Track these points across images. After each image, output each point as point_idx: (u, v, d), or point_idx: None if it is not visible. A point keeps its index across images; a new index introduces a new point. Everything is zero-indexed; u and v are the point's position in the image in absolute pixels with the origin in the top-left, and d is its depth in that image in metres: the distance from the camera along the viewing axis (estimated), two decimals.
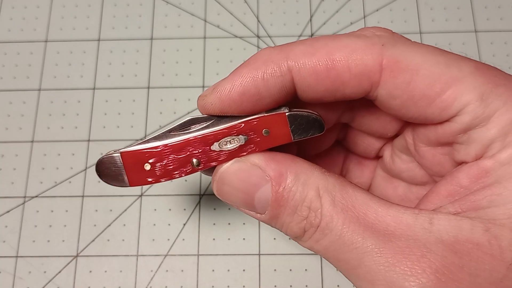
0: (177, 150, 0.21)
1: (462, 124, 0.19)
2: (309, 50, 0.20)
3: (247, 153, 0.21)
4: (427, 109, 0.20)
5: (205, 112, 0.22)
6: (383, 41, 0.20)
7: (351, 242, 0.18)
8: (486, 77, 0.19)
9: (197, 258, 0.34)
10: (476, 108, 0.19)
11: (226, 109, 0.21)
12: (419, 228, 0.18)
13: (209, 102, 0.21)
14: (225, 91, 0.20)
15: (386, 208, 0.19)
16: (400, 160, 0.25)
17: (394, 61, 0.19)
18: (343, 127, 0.26)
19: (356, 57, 0.20)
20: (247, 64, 0.21)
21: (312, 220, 0.19)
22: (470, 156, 0.20)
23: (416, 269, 0.17)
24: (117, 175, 0.21)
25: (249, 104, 0.21)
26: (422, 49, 0.20)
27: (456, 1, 0.40)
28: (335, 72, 0.20)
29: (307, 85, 0.20)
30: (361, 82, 0.20)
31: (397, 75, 0.19)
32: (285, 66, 0.20)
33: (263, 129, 0.21)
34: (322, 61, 0.20)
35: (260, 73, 0.20)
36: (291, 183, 0.20)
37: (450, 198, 0.20)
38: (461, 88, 0.19)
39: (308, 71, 0.20)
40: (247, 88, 0.20)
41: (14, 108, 0.38)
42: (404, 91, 0.20)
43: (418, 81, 0.19)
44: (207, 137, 0.21)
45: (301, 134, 0.21)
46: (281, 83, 0.20)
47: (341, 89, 0.20)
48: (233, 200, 0.21)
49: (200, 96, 0.22)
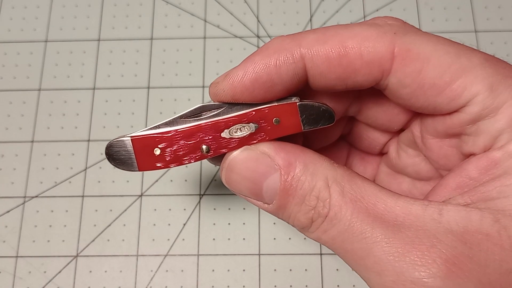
0: (188, 136, 0.21)
1: (471, 114, 0.19)
2: (322, 38, 0.20)
3: (257, 141, 0.21)
4: (437, 99, 0.20)
5: (217, 99, 0.22)
6: (394, 29, 0.20)
7: (360, 232, 0.18)
8: (495, 68, 0.19)
9: (197, 258, 0.34)
10: (485, 98, 0.19)
11: (238, 96, 0.21)
12: (428, 219, 0.18)
13: (221, 88, 0.21)
14: (238, 77, 0.21)
15: (395, 199, 0.19)
16: (406, 154, 0.25)
17: (405, 49, 0.20)
18: (349, 121, 0.26)
19: (368, 44, 0.20)
20: (259, 52, 0.21)
21: (320, 210, 0.19)
22: (478, 148, 0.20)
23: (426, 259, 0.17)
24: (126, 159, 0.22)
25: (261, 91, 0.21)
26: (433, 39, 0.20)
27: (456, 1, 0.40)
28: (347, 59, 0.20)
29: (319, 73, 0.21)
30: (372, 70, 0.20)
31: (408, 63, 0.20)
32: (298, 53, 0.20)
33: (274, 118, 0.21)
34: (334, 48, 0.20)
35: (273, 60, 0.20)
36: (300, 173, 0.20)
37: (459, 190, 0.20)
38: (470, 78, 0.19)
39: (321, 58, 0.20)
40: (260, 75, 0.20)
41: (14, 108, 0.38)
42: (415, 79, 0.20)
43: (428, 70, 0.19)
44: (218, 124, 0.21)
45: (311, 124, 0.21)
46: (293, 70, 0.21)
47: (352, 77, 0.20)
48: (241, 189, 0.21)
49: (212, 83, 0.22)
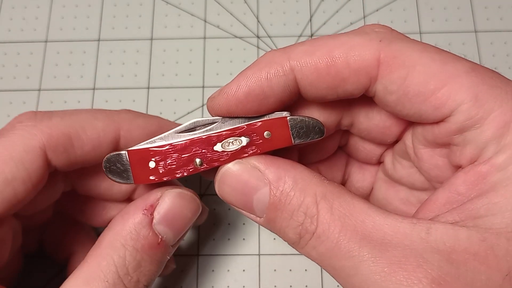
0: (181, 150, 0.22)
1: (457, 124, 0.19)
2: (310, 49, 0.21)
3: (248, 154, 0.21)
4: (422, 106, 0.20)
5: (214, 113, 0.22)
6: (380, 37, 0.20)
7: (347, 250, 0.18)
8: (481, 78, 0.19)
9: (197, 258, 0.34)
10: (470, 108, 0.19)
11: (233, 109, 0.22)
12: (416, 238, 0.18)
13: (217, 103, 0.22)
14: (232, 91, 0.21)
15: (384, 217, 0.19)
16: (400, 165, 0.25)
17: (391, 56, 0.20)
18: (345, 133, 0.26)
19: (355, 53, 0.20)
20: (251, 67, 0.21)
21: (308, 226, 0.19)
22: (465, 158, 0.20)
23: (412, 279, 0.17)
24: (122, 172, 0.22)
25: (254, 104, 0.21)
26: (419, 46, 0.20)
27: (456, 1, 0.40)
28: (335, 69, 0.20)
29: (310, 83, 0.21)
30: (360, 77, 0.20)
31: (393, 70, 0.20)
32: (287, 65, 0.21)
33: (265, 132, 0.22)
34: (322, 58, 0.20)
35: (264, 74, 0.21)
36: (288, 188, 0.20)
37: (448, 206, 0.19)
38: (455, 87, 0.19)
39: (310, 69, 0.21)
40: (252, 88, 0.21)
41: (14, 108, 0.38)
42: (400, 86, 0.20)
43: (413, 77, 0.19)
44: (211, 138, 0.22)
45: (301, 137, 0.22)
46: (284, 82, 0.21)
47: (342, 85, 0.21)
48: (233, 201, 0.22)
49: (209, 98, 0.22)
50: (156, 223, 0.23)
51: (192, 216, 0.24)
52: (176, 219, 0.23)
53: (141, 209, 0.23)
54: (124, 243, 0.22)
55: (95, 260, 0.22)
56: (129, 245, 0.22)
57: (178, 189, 0.24)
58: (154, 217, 0.23)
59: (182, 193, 0.24)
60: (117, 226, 0.23)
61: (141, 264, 0.22)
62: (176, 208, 0.23)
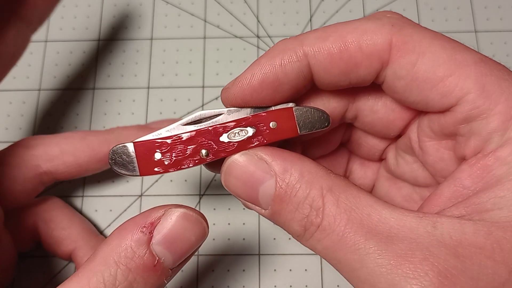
0: (187, 141, 0.22)
1: (463, 113, 0.19)
2: (323, 35, 0.21)
3: (255, 144, 0.22)
4: (429, 93, 0.20)
5: (228, 103, 0.22)
6: (392, 22, 0.21)
7: (353, 243, 0.18)
8: (489, 69, 0.19)
9: (197, 258, 0.34)
10: (476, 97, 0.19)
11: (248, 98, 0.22)
12: (422, 231, 0.18)
13: (232, 93, 0.22)
14: (246, 80, 0.21)
15: (390, 210, 0.19)
16: (403, 161, 0.25)
17: (402, 41, 0.20)
18: (348, 128, 0.26)
19: (367, 37, 0.20)
20: (265, 55, 0.22)
21: (313, 218, 0.19)
22: (469, 149, 0.20)
23: (419, 271, 0.17)
24: (128, 164, 0.22)
25: (269, 91, 0.21)
26: (431, 34, 0.20)
27: (456, 1, 0.40)
28: (348, 53, 0.21)
29: (323, 69, 0.21)
30: (373, 62, 0.21)
31: (404, 55, 0.20)
32: (301, 52, 0.21)
33: (271, 122, 0.22)
34: (335, 43, 0.21)
35: (278, 60, 0.21)
36: (294, 180, 0.20)
37: (454, 200, 0.20)
38: (463, 76, 0.19)
39: (323, 55, 0.21)
40: (267, 76, 0.21)
41: (14, 108, 0.38)
42: (409, 72, 0.20)
43: (423, 63, 0.20)
44: (217, 128, 0.22)
45: (307, 128, 0.22)
46: (298, 68, 0.21)
47: (355, 71, 0.21)
48: (238, 193, 0.22)
49: (223, 89, 0.22)
50: (154, 243, 0.21)
51: (196, 240, 0.22)
52: (178, 241, 0.21)
53: (140, 226, 0.21)
54: (117, 261, 0.20)
55: (85, 274, 0.20)
56: (122, 263, 0.20)
57: (184, 208, 0.22)
58: (153, 237, 0.21)
59: (187, 213, 0.21)
60: (113, 241, 0.21)
61: (133, 285, 0.20)
62: (178, 230, 0.21)
